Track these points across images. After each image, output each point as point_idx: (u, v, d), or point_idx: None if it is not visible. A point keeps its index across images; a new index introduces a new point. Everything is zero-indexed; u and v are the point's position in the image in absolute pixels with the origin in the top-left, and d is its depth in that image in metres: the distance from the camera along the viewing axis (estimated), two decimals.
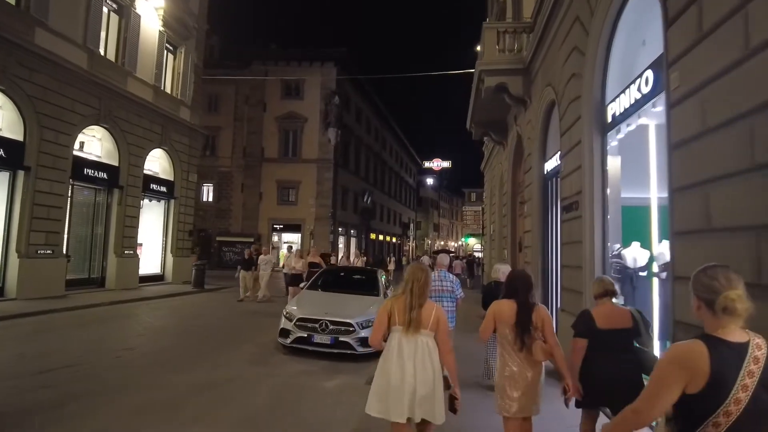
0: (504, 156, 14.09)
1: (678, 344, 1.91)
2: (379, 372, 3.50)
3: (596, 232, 6.28)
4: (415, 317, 3.44)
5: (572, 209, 6.95)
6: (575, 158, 6.87)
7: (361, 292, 9.07)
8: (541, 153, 9.68)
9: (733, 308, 1.77)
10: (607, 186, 6.30)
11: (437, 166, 60.75)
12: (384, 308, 3.63)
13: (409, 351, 3.41)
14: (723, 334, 1.80)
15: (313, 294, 9.12)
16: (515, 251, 12.95)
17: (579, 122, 6.74)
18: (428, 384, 3.36)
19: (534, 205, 9.87)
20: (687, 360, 1.78)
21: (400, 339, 3.46)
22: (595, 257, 6.25)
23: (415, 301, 3.48)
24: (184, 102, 20.01)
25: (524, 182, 11.02)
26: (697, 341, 1.81)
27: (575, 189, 6.85)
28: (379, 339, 3.57)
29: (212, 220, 33.68)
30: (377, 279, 9.61)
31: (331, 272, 10.45)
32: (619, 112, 5.87)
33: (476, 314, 13.39)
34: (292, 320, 7.98)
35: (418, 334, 3.45)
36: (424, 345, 3.44)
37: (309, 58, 33.37)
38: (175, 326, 10.58)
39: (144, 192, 17.99)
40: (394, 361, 3.42)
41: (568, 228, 7.23)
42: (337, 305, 8.40)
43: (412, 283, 3.53)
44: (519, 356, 3.61)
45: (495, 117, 13.13)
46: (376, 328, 3.59)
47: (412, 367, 3.37)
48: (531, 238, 10.07)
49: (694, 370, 1.75)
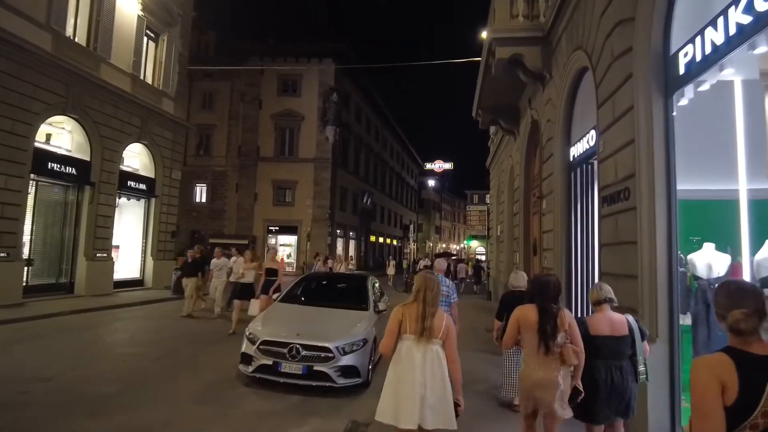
0: (515, 147, 12.29)
1: (703, 357, 1.88)
2: (389, 380, 3.49)
3: (659, 230, 4.48)
4: (429, 326, 3.42)
5: (620, 199, 5.15)
6: (624, 131, 5.08)
7: (347, 306, 7.26)
8: (565, 136, 7.89)
9: (738, 329, 1.77)
10: (674, 166, 4.49)
11: (439, 168, 58.96)
12: (395, 316, 3.57)
13: (419, 359, 3.39)
14: (745, 346, 1.76)
15: (285, 308, 7.28)
16: (529, 255, 11.15)
17: (630, 83, 4.95)
18: (438, 391, 3.36)
19: (556, 200, 8.07)
20: (716, 368, 1.73)
21: (410, 347, 3.44)
22: (658, 264, 4.45)
23: (428, 310, 3.45)
24: (167, 93, 18.28)
25: (541, 174, 9.22)
26: (722, 354, 1.78)
27: (625, 172, 5.05)
28: (391, 347, 3.52)
29: (205, 222, 31.98)
30: (367, 289, 7.76)
31: (312, 281, 8.62)
32: (690, 64, 4.10)
33: (484, 326, 11.62)
34: (255, 343, 6.18)
35: (429, 343, 3.43)
36: (434, 353, 3.43)
37: (306, 53, 31.68)
38: (123, 343, 8.76)
39: (120, 190, 16.26)
40: (403, 370, 3.41)
41: (611, 225, 5.43)
42: (314, 323, 6.60)
43: (425, 291, 3.49)
44: (544, 360, 3.47)
45: (506, 101, 11.34)
46: (388, 335, 3.54)
47: (422, 375, 3.35)
48: (552, 240, 8.27)
49: (726, 382, 1.70)
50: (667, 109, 4.54)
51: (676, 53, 4.33)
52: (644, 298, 4.55)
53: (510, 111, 11.65)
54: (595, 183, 6.78)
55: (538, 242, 10.27)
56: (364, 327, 6.55)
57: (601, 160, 5.81)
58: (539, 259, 10.13)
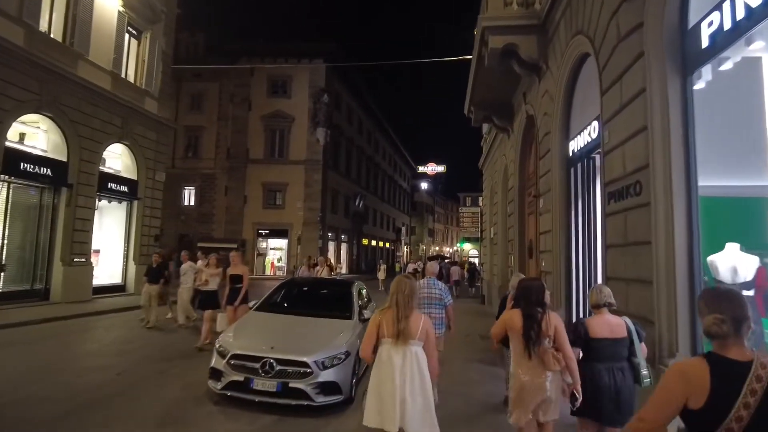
0: (509, 145, 11.73)
1: (682, 360, 2.12)
2: (372, 384, 3.53)
3: (678, 228, 3.90)
4: (403, 329, 3.44)
5: (629, 194, 4.57)
6: (633, 117, 4.50)
7: (329, 315, 6.61)
8: (563, 130, 7.32)
9: (712, 333, 1.81)
10: (694, 154, 3.91)
11: (432, 171, 58.55)
12: (373, 321, 3.63)
13: (398, 361, 3.42)
14: (726, 352, 1.79)
15: (260, 318, 6.60)
16: (524, 257, 10.56)
17: (640, 63, 4.38)
18: (417, 394, 3.38)
19: (554, 198, 7.49)
20: (688, 374, 1.79)
21: (389, 350, 3.48)
22: (677, 267, 3.86)
23: (401, 312, 3.48)
24: (150, 93, 17.57)
25: (537, 172, 8.64)
26: (700, 358, 1.84)
27: (635, 164, 4.47)
28: (369, 351, 3.57)
29: (194, 225, 31.20)
30: (351, 296, 7.10)
31: (292, 287, 7.96)
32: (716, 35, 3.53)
33: (478, 332, 10.94)
34: (225, 357, 5.52)
35: (406, 345, 3.45)
36: (413, 355, 3.45)
37: (297, 53, 31.08)
38: (88, 355, 8.04)
39: (100, 192, 15.52)
40: (384, 372, 3.44)
41: (619, 223, 4.84)
42: (292, 335, 5.96)
43: (397, 295, 3.53)
44: (529, 365, 3.43)
45: (499, 96, 10.77)
46: (366, 340, 3.59)
47: (401, 378, 3.37)
48: (550, 241, 7.68)
49: (694, 385, 1.76)
50: (686, 90, 3.97)
51: (698, 24, 3.75)
52: (661, 307, 3.96)
53: (503, 107, 11.07)
54: (598, 178, 6.21)
55: (534, 244, 9.69)
56: (347, 338, 5.92)
57: (607, 152, 5.23)
58: (535, 261, 9.56)
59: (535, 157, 9.60)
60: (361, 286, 7.97)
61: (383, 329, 3.51)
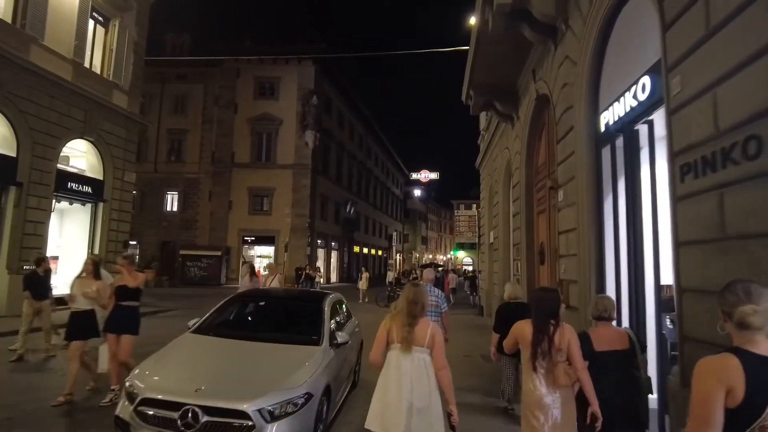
0: (513, 136, 10.13)
1: (708, 358, 1.74)
2: (378, 388, 3.43)
3: None
4: (407, 335, 3.35)
5: (731, 161, 2.93)
6: (734, 42, 2.88)
7: (290, 339, 4.87)
8: (591, 100, 5.71)
9: (747, 323, 1.69)
10: None
11: (425, 178, 57.07)
12: (384, 326, 3.52)
13: (405, 368, 3.32)
14: (752, 347, 1.68)
15: (194, 344, 4.82)
16: (533, 264, 8.92)
17: None
18: (424, 400, 3.27)
19: (579, 188, 5.85)
20: (721, 371, 1.65)
21: (398, 356, 3.38)
22: None
23: (408, 319, 3.38)
24: (119, 85, 15.85)
25: (555, 158, 7.01)
26: (728, 355, 1.69)
27: (741, 112, 2.85)
28: (378, 357, 3.46)
29: (177, 232, 29.36)
30: (322, 314, 5.28)
31: (247, 302, 6.08)
32: None
33: (480, 352, 8.94)
34: (134, 401, 3.80)
35: (413, 351, 3.35)
36: (420, 362, 3.36)
37: (285, 54, 29.50)
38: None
39: (59, 192, 13.73)
40: (391, 378, 3.35)
41: (706, 207, 3.20)
42: (232, 370, 4.22)
43: (405, 301, 3.44)
44: (541, 379, 3.18)
45: (503, 77, 9.19)
46: (376, 345, 3.48)
47: (408, 384, 3.27)
48: (574, 242, 6.03)
49: (731, 383, 1.62)
50: None
51: None
52: None
53: (507, 91, 9.50)
54: (645, 154, 4.61)
55: (547, 247, 8.05)
56: (310, 373, 4.20)
57: (676, 108, 3.60)
58: (549, 268, 7.92)
59: (549, 142, 7.99)
60: (338, 300, 6.27)
61: (392, 334, 3.44)
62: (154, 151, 29.81)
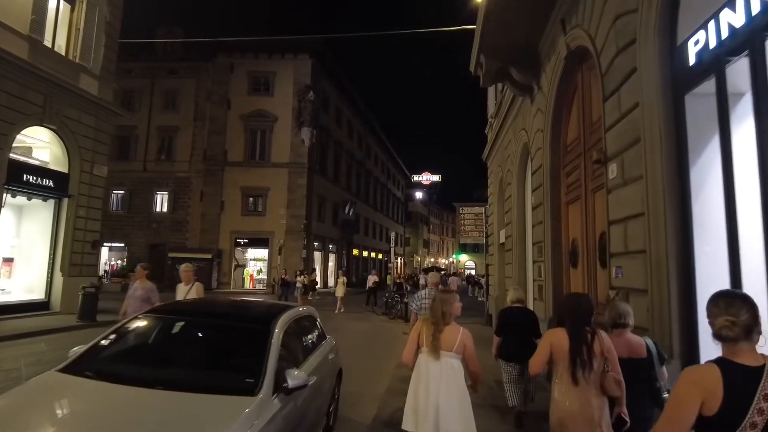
0: (532, 112, 8.21)
1: (692, 367, 1.87)
2: (410, 391, 3.49)
3: None
4: (434, 341, 3.39)
5: None
6: None
7: (210, 384, 2.96)
8: (666, 24, 3.84)
9: (722, 335, 1.74)
10: None
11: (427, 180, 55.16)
12: (415, 328, 3.58)
13: (433, 372, 3.36)
14: (736, 357, 1.72)
15: (52, 392, 2.90)
16: (561, 266, 7.01)
17: None
18: (452, 403, 3.27)
19: (652, 153, 3.95)
20: (701, 381, 1.72)
21: (426, 359, 3.43)
22: None
23: (437, 325, 3.43)
24: (87, 69, 14.06)
25: (603, 121, 5.07)
26: (710, 364, 1.76)
27: None
28: (411, 358, 3.53)
29: (166, 233, 27.54)
30: (266, 343, 3.30)
31: (155, 322, 3.80)
32: None
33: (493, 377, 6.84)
34: None
35: (443, 356, 3.37)
36: (449, 366, 3.37)
37: (280, 48, 27.77)
38: None
39: (12, 185, 11.93)
40: (421, 380, 3.40)
41: None
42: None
43: (435, 308, 3.50)
44: (577, 393, 2.90)
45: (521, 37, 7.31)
46: (409, 347, 3.56)
47: (436, 387, 3.29)
48: (639, 234, 4.13)
49: (708, 391, 1.68)
50: None
51: None
52: None
53: (527, 53, 7.63)
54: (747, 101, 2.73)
55: (582, 245, 6.15)
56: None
57: None
58: (586, 271, 6.02)
59: (582, 112, 6.13)
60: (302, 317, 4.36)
61: (422, 338, 3.48)
62: (144, 150, 28.05)
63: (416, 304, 6.07)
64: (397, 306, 15.50)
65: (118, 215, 27.62)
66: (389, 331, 12.90)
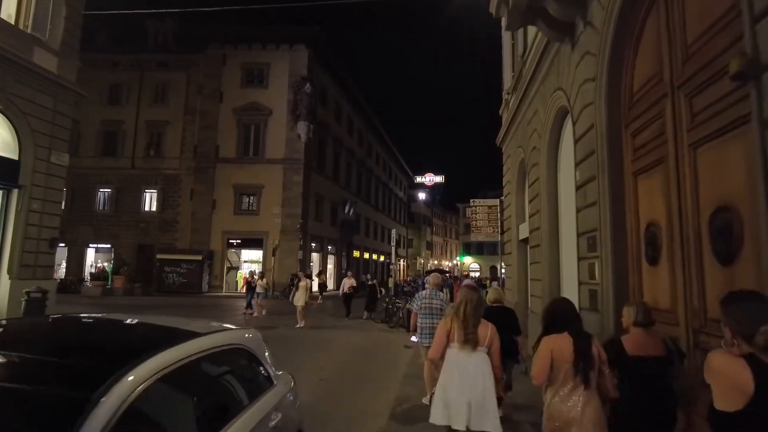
0: (574, 60, 6.00)
1: (720, 354, 1.77)
2: (440, 385, 3.53)
3: None
4: (471, 337, 3.47)
5: None
6: None
7: None
8: None
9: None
10: None
11: (430, 181, 53.24)
12: (444, 325, 3.63)
13: (467, 366, 3.42)
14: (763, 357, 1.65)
15: None
16: (625, 262, 4.83)
17: None
18: (481, 396, 3.35)
19: None
20: (733, 371, 1.66)
21: (458, 354, 3.49)
22: None
23: (470, 321, 3.51)
24: (43, 42, 11.99)
25: (733, 8, 2.94)
26: (740, 359, 1.67)
27: None
28: (439, 354, 3.59)
29: (155, 234, 25.49)
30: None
31: None
32: None
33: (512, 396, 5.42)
34: None
35: (473, 351, 3.46)
36: (482, 360, 3.45)
37: (275, 38, 25.79)
38: None
39: None
40: (453, 375, 3.45)
41: None
42: None
43: (466, 304, 3.56)
44: (581, 394, 2.86)
45: None
46: (437, 343, 3.61)
47: (470, 380, 3.37)
48: None
49: (740, 383, 1.62)
50: None
51: None
52: None
53: None
54: None
55: (667, 233, 3.99)
56: None
57: None
58: (681, 268, 3.83)
59: (673, 29, 3.97)
60: (217, 351, 2.26)
61: (453, 334, 3.52)
62: (131, 146, 26.05)
63: (418, 304, 6.24)
64: (399, 313, 13.30)
65: (104, 215, 25.61)
66: (389, 345, 10.63)
